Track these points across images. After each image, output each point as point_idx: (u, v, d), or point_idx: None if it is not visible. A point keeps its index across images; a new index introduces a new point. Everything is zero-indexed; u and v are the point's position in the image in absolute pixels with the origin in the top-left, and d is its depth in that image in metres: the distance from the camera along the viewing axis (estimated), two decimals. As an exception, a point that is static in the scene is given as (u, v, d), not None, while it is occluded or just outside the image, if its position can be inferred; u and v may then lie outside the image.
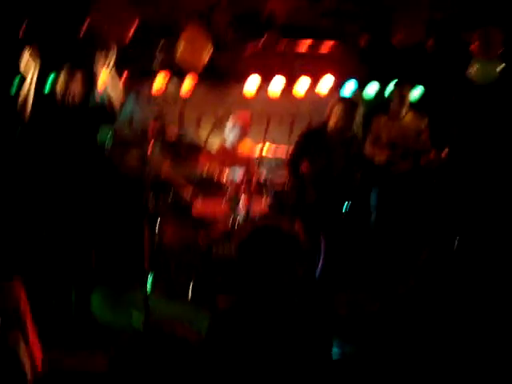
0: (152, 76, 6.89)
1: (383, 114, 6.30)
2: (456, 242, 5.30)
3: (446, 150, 4.79)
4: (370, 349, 3.13)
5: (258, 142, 6.09)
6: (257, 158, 5.96)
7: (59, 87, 4.72)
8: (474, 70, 5.70)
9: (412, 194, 6.17)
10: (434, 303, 2.97)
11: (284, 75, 7.09)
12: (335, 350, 4.35)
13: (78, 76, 4.76)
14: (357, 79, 7.12)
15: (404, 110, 6.24)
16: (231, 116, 6.67)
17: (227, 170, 6.38)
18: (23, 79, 4.72)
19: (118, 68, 6.63)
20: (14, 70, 6.04)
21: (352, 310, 5.27)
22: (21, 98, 4.54)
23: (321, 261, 5.14)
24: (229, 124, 6.61)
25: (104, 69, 4.94)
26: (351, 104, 4.87)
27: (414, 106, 6.33)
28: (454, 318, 2.94)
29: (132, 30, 4.95)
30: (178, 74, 6.85)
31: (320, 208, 4.96)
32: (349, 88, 7.09)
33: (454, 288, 3.01)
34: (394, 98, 6.27)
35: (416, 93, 6.70)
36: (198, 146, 5.99)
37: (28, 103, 4.53)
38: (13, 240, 5.58)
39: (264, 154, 5.99)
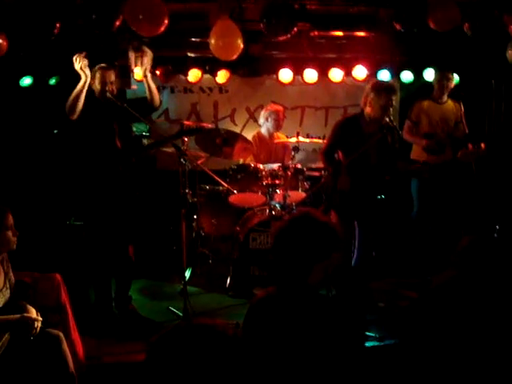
0: (186, 69, 6.91)
1: (424, 99, 6.22)
2: (496, 231, 5.23)
3: (483, 144, 4.68)
4: (409, 339, 3.11)
5: (293, 132, 6.05)
6: (293, 146, 5.92)
7: (97, 83, 4.78)
8: (511, 52, 5.57)
9: (452, 183, 6.10)
10: (474, 294, 2.92)
11: (318, 64, 7.04)
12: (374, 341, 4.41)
13: (114, 71, 4.81)
14: (392, 65, 7.05)
15: (446, 95, 6.16)
16: (264, 109, 6.67)
17: (263, 159, 6.40)
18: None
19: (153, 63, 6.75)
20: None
21: (390, 299, 5.26)
22: (72, 97, 4.60)
23: (356, 250, 5.11)
24: (262, 117, 6.60)
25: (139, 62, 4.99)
26: (387, 89, 4.81)
27: (451, 93, 6.24)
28: (493, 310, 2.89)
29: (163, 25, 4.95)
30: (212, 66, 6.86)
31: (355, 197, 4.92)
32: (384, 74, 7.01)
33: (495, 278, 2.95)
34: (436, 82, 6.18)
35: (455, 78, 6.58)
36: (234, 136, 5.97)
37: (79, 103, 4.59)
38: (52, 235, 5.69)
39: (300, 140, 5.92)
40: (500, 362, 2.82)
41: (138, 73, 6.52)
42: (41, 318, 3.28)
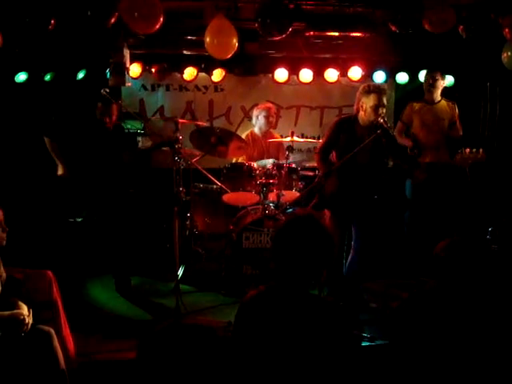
0: (182, 67, 6.89)
1: (416, 101, 6.23)
2: (489, 233, 5.23)
3: (481, 150, 4.70)
4: (399, 340, 3.11)
5: (288, 132, 6.05)
6: (287, 145, 5.92)
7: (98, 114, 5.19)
8: (506, 55, 5.58)
9: (446, 185, 6.10)
10: (461, 295, 2.93)
11: (313, 64, 7.04)
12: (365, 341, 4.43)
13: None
14: (388, 66, 7.06)
15: (438, 96, 6.17)
16: (255, 108, 6.68)
17: (256, 157, 6.41)
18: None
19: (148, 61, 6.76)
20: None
21: (382, 300, 5.26)
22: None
23: (352, 250, 5.12)
24: (254, 115, 6.62)
25: None
26: (376, 90, 4.85)
27: (445, 94, 6.25)
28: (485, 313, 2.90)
29: (159, 22, 4.95)
30: (208, 64, 6.84)
31: (348, 197, 4.94)
32: (379, 75, 7.02)
33: (481, 279, 2.97)
34: (427, 84, 6.19)
35: (448, 80, 6.58)
36: (229, 134, 5.97)
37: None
38: (44, 231, 5.70)
39: (295, 140, 5.92)
40: (490, 362, 2.83)
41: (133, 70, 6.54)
42: (31, 315, 3.28)
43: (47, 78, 6.54)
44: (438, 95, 6.18)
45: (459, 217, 6.07)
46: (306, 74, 7.07)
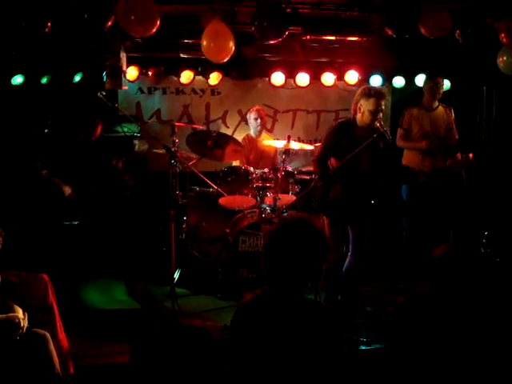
0: (179, 70, 6.89)
1: (414, 106, 6.23)
2: (485, 237, 5.25)
3: (471, 154, 4.70)
4: (394, 344, 3.11)
5: (285, 135, 6.04)
6: (284, 149, 5.90)
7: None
8: (502, 60, 5.59)
9: (443, 190, 6.10)
10: (455, 301, 2.93)
11: (310, 68, 7.04)
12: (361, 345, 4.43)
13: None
14: (384, 70, 7.07)
15: (436, 102, 6.17)
16: (249, 110, 6.71)
17: (253, 160, 6.41)
18: None
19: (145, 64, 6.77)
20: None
21: (378, 304, 5.27)
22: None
23: (349, 254, 5.11)
24: (248, 118, 6.67)
25: None
26: (376, 94, 4.81)
27: (441, 98, 6.25)
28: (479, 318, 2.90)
29: (155, 26, 4.95)
30: (205, 68, 6.84)
31: (347, 202, 4.92)
32: (376, 79, 7.03)
33: (476, 284, 2.96)
34: (426, 88, 6.19)
35: (445, 84, 6.59)
36: (226, 138, 5.97)
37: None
38: (40, 234, 5.69)
39: (291, 144, 5.90)
40: (486, 365, 2.83)
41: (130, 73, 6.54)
42: (27, 318, 3.27)
43: (44, 80, 6.54)
44: (436, 101, 6.18)
45: (456, 221, 6.08)
46: (303, 78, 7.07)
